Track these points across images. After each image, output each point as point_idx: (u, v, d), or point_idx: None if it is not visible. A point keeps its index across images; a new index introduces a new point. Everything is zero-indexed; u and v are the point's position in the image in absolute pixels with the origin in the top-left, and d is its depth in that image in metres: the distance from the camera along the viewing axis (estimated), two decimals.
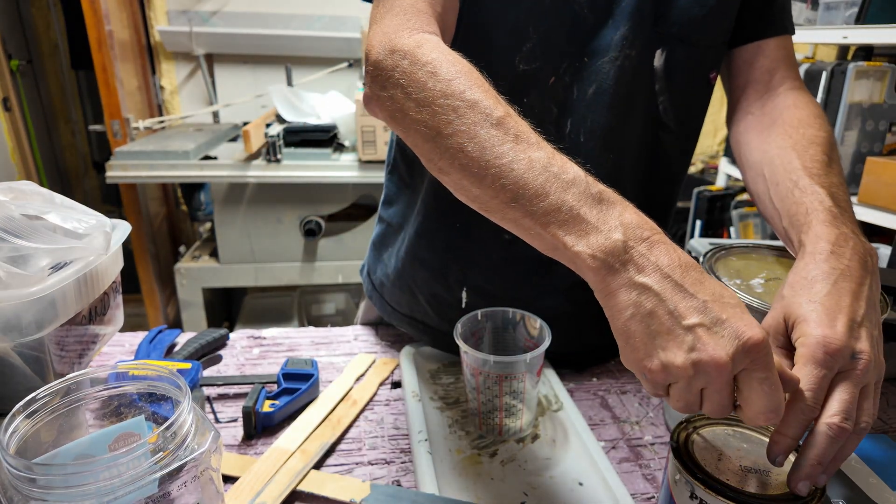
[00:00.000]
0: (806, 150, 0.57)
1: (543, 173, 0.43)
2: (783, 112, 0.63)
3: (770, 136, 0.62)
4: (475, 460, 0.58)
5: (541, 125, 0.62)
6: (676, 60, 0.64)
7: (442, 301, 0.74)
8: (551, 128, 0.65)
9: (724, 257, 0.63)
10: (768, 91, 0.67)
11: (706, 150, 2.88)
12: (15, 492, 0.35)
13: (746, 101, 0.68)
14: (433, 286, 0.74)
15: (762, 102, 0.67)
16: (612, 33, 0.61)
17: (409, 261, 0.75)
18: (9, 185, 0.58)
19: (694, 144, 0.73)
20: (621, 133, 0.65)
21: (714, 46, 0.66)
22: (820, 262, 0.47)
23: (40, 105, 2.69)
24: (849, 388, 0.41)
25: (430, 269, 0.73)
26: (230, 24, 2.35)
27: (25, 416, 0.39)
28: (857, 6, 1.68)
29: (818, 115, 0.62)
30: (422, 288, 0.76)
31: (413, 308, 0.78)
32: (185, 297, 2.04)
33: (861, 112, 1.64)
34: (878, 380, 0.43)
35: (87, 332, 0.62)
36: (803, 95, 0.65)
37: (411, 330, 0.80)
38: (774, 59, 0.67)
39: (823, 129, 0.60)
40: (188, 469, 0.38)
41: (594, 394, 0.71)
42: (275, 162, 1.88)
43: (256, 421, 0.61)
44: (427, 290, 0.75)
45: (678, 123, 0.67)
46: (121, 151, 1.86)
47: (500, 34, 0.62)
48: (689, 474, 0.41)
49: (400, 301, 0.80)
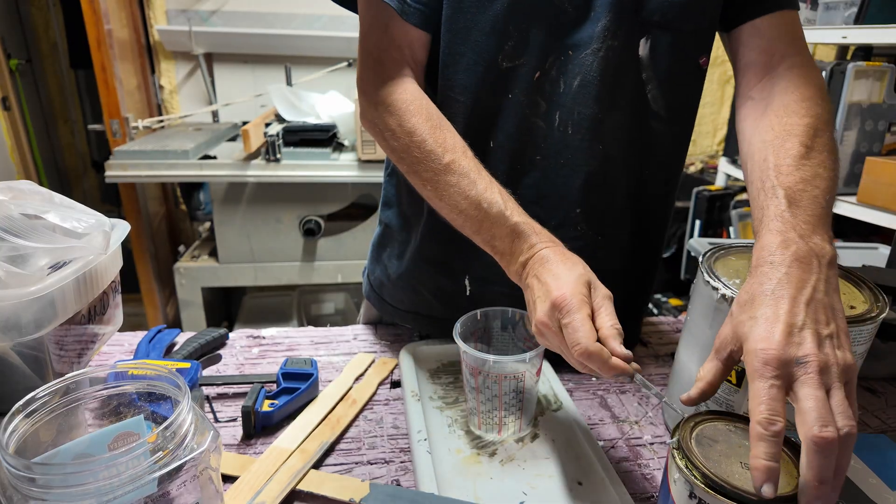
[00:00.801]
0: (782, 145, 0.55)
1: (477, 211, 0.58)
2: (775, 98, 0.61)
3: (758, 128, 0.60)
4: (474, 460, 0.58)
5: (529, 120, 0.65)
6: (661, 47, 0.63)
7: (447, 292, 0.75)
8: (540, 122, 0.65)
9: (723, 257, 0.63)
10: (768, 72, 0.65)
11: (706, 150, 2.88)
12: (14, 491, 0.35)
13: (747, 84, 0.66)
14: (438, 279, 0.75)
15: (761, 86, 0.65)
16: (594, 25, 0.61)
17: (416, 260, 0.76)
18: (8, 185, 0.58)
19: (689, 132, 0.72)
20: (610, 123, 0.65)
21: (699, 31, 0.65)
22: (760, 275, 0.47)
23: (39, 104, 2.69)
24: (809, 394, 0.39)
25: (435, 263, 0.74)
26: (229, 23, 2.35)
27: (25, 415, 0.39)
28: (856, 6, 1.68)
29: (809, 96, 0.60)
30: (427, 284, 0.76)
31: (417, 304, 0.78)
32: (184, 296, 2.04)
33: (860, 112, 1.64)
34: (848, 379, 0.41)
35: (86, 331, 0.62)
36: (801, 73, 0.62)
37: (416, 324, 0.80)
38: (770, 37, 0.64)
39: (810, 112, 0.58)
40: (187, 468, 0.38)
41: (593, 393, 0.71)
42: (274, 161, 1.88)
43: (256, 420, 0.61)
44: (432, 285, 0.76)
45: (668, 111, 0.67)
46: (120, 151, 1.86)
47: (481, 35, 0.63)
48: (689, 473, 0.41)
49: (402, 299, 0.80)
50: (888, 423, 0.66)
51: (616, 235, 0.71)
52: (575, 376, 0.74)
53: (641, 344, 0.82)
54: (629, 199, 0.70)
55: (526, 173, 0.67)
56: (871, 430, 0.65)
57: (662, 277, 2.37)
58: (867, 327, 0.52)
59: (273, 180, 1.89)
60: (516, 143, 0.66)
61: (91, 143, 2.90)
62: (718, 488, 0.39)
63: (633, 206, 0.71)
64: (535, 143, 0.66)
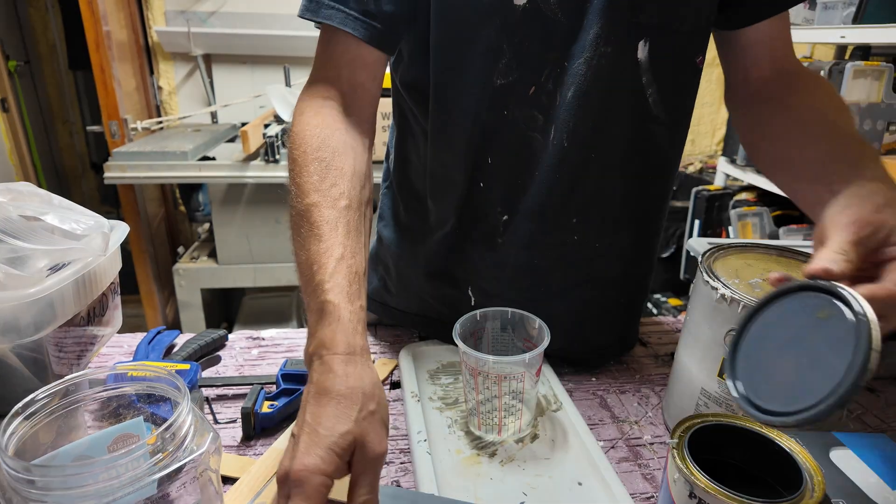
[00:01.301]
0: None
1: (308, 271, 0.50)
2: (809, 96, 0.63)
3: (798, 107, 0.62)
4: (474, 460, 0.58)
5: (526, 135, 0.64)
6: (661, 49, 0.62)
7: (454, 300, 0.75)
8: (538, 136, 0.64)
9: (722, 257, 0.63)
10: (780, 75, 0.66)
11: (704, 150, 2.88)
12: (14, 493, 0.35)
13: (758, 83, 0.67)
14: (444, 289, 0.75)
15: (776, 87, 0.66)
16: (587, 34, 0.59)
17: (417, 270, 0.76)
18: (7, 187, 0.58)
19: (685, 134, 0.71)
20: (606, 133, 0.63)
21: (697, 30, 0.64)
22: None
23: (38, 106, 2.69)
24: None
25: (439, 275, 0.75)
26: (228, 24, 2.35)
27: (24, 417, 0.39)
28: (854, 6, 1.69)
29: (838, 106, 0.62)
30: (430, 292, 0.77)
31: (426, 308, 0.79)
32: (183, 297, 2.04)
33: (859, 111, 1.64)
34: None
35: (85, 333, 0.62)
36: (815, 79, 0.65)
37: (424, 328, 0.81)
38: (773, 39, 0.66)
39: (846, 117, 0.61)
40: (187, 470, 0.38)
41: (593, 394, 0.71)
42: (273, 162, 1.88)
43: (255, 422, 0.61)
44: (437, 293, 0.76)
45: (669, 114, 0.66)
46: (119, 152, 1.86)
47: (473, 55, 0.61)
48: (689, 473, 0.41)
49: (409, 304, 0.80)
50: (888, 423, 0.66)
51: (615, 243, 0.70)
52: (575, 376, 0.74)
53: (641, 344, 0.82)
54: (628, 207, 0.69)
55: (525, 189, 0.66)
56: (871, 430, 0.65)
57: (662, 277, 2.37)
58: None
59: (272, 181, 1.89)
60: (514, 158, 0.65)
61: (90, 145, 2.90)
62: (718, 488, 0.39)
63: (632, 213, 0.70)
64: (534, 158, 0.65)
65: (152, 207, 2.35)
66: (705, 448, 0.44)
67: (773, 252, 0.64)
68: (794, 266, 0.62)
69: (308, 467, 0.39)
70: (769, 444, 0.45)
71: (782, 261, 0.63)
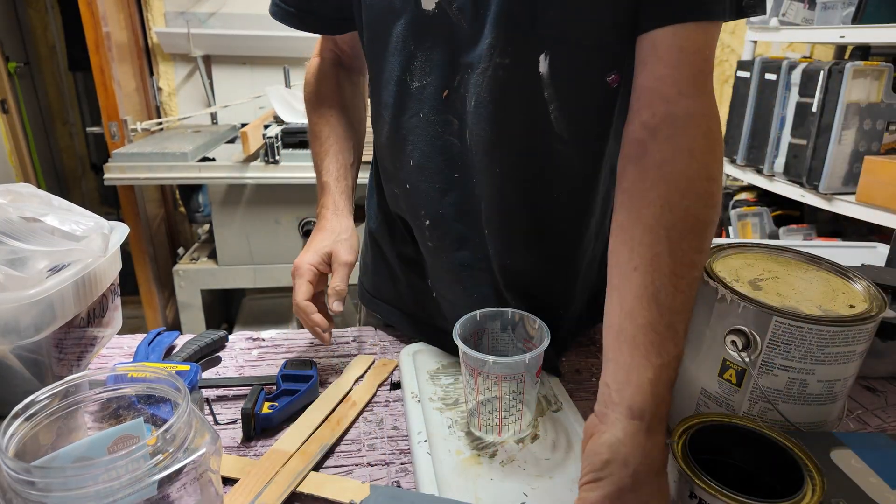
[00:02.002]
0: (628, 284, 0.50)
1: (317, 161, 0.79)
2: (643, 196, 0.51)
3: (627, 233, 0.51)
4: (475, 461, 0.58)
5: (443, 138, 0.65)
6: (560, 64, 0.57)
7: (419, 291, 0.78)
8: (455, 140, 0.64)
9: (722, 257, 0.63)
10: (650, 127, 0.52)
11: None
12: (14, 495, 0.35)
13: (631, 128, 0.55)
14: (410, 277, 0.79)
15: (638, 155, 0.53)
16: (483, 43, 0.57)
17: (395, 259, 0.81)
18: (7, 188, 0.58)
19: (602, 154, 0.64)
20: (506, 145, 0.61)
21: (604, 46, 0.57)
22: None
23: (38, 107, 2.69)
24: None
25: (408, 262, 0.78)
26: (228, 25, 2.35)
27: (24, 418, 0.39)
28: (853, 6, 1.69)
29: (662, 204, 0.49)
30: (403, 281, 0.80)
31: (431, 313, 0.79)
32: (183, 298, 2.04)
33: (859, 111, 1.65)
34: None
35: (85, 334, 0.62)
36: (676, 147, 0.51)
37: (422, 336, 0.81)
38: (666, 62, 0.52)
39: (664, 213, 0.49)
40: (187, 471, 0.38)
41: (593, 394, 0.70)
42: (273, 163, 1.88)
43: (256, 423, 0.61)
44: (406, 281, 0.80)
45: (572, 133, 0.61)
46: (119, 153, 1.86)
47: (390, 55, 0.63)
48: (689, 473, 0.41)
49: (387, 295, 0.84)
50: (888, 423, 0.66)
51: (524, 259, 0.67)
52: (575, 377, 0.74)
53: None
54: (534, 222, 0.66)
55: (446, 192, 0.66)
56: (871, 429, 0.65)
57: None
58: (867, 326, 0.52)
59: (272, 182, 1.89)
60: (434, 161, 0.65)
61: (89, 146, 2.90)
62: (718, 488, 0.39)
63: (539, 229, 0.67)
64: (453, 162, 0.64)
65: (152, 208, 2.35)
66: (705, 448, 0.44)
67: (773, 252, 0.64)
68: (794, 266, 0.62)
69: (303, 260, 0.70)
70: (769, 444, 0.45)
71: (781, 260, 0.63)
